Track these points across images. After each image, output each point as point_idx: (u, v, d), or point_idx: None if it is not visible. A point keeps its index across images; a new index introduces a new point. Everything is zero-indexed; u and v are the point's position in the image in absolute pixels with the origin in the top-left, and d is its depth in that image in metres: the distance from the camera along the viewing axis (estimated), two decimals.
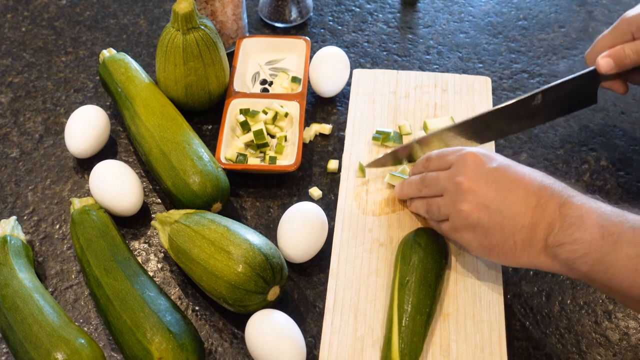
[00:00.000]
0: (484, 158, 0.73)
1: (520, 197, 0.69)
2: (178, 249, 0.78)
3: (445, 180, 0.75)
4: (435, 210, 0.76)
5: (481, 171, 0.72)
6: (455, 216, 0.73)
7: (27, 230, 0.86)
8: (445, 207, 0.74)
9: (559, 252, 0.66)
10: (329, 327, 0.76)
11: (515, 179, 0.70)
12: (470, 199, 0.71)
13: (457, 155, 0.75)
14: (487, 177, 0.71)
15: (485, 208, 0.70)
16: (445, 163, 0.76)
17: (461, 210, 0.72)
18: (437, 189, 0.76)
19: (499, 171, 0.71)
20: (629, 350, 0.76)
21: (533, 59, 1.03)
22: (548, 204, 0.68)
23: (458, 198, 0.72)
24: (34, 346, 0.70)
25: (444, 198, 0.75)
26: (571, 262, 0.66)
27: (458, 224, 0.73)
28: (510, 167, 0.72)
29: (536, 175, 0.71)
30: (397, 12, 1.10)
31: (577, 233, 0.65)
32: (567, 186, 0.70)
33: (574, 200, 0.67)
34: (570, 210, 0.67)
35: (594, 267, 0.65)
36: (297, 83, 0.97)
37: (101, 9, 1.11)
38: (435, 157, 0.79)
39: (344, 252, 0.81)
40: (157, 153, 0.85)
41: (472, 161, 0.73)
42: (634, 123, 0.96)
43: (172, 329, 0.71)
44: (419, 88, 0.96)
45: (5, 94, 1.01)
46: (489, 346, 0.73)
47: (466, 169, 0.73)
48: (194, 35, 0.88)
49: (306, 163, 0.92)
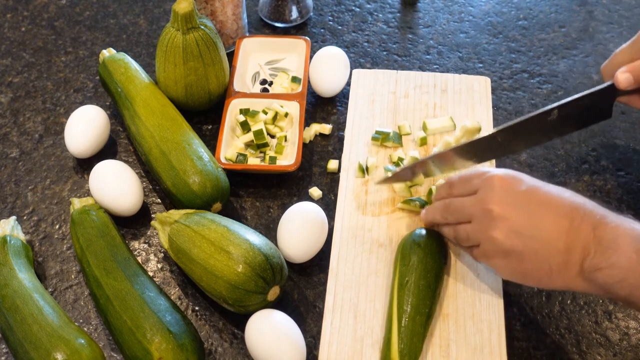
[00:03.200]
0: (512, 181, 0.70)
1: (553, 221, 0.67)
2: (178, 249, 0.78)
3: (473, 207, 0.72)
4: (463, 236, 0.74)
5: (510, 196, 0.69)
6: (487, 243, 0.71)
7: (26, 230, 0.86)
8: (474, 234, 0.72)
9: (596, 277, 0.65)
10: (328, 327, 0.76)
11: (546, 201, 0.68)
12: (502, 226, 0.69)
13: (482, 179, 0.72)
14: (517, 201, 0.69)
15: (518, 234, 0.68)
16: (470, 188, 0.73)
17: (493, 237, 0.69)
18: (463, 216, 0.73)
19: (529, 194, 0.69)
20: (629, 351, 0.76)
21: (533, 59, 1.03)
22: (581, 227, 0.66)
23: (489, 225, 0.70)
24: (33, 346, 0.70)
25: (473, 225, 0.72)
26: (609, 287, 0.65)
27: (490, 250, 0.71)
28: (539, 188, 0.69)
29: (566, 195, 0.69)
30: (397, 12, 1.10)
31: (613, 257, 0.64)
32: (597, 205, 0.68)
33: (607, 221, 0.66)
34: (605, 233, 0.65)
35: (633, 292, 0.64)
36: (297, 83, 0.97)
37: (101, 9, 1.11)
38: (458, 182, 0.76)
39: (343, 252, 0.81)
40: (157, 153, 0.85)
41: (500, 185, 0.70)
42: (634, 123, 0.96)
43: (172, 329, 0.71)
44: (419, 88, 0.96)
45: (5, 94, 1.01)
46: (489, 346, 0.73)
47: (494, 195, 0.70)
48: (194, 35, 0.88)
49: (306, 163, 0.92)
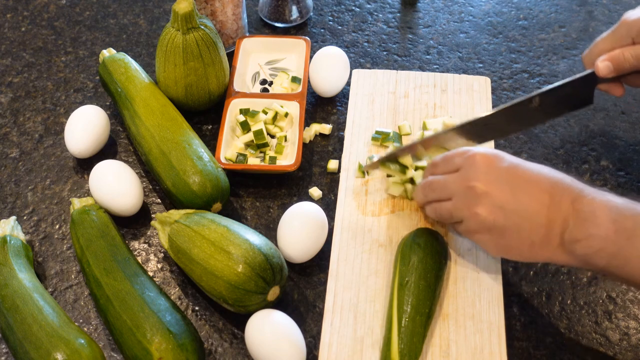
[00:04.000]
0: (494, 158, 0.72)
1: (534, 196, 0.69)
2: (178, 249, 0.78)
3: (455, 184, 0.73)
4: (445, 214, 0.75)
5: (493, 173, 0.71)
6: (470, 219, 0.72)
7: (26, 230, 0.86)
8: (457, 211, 0.73)
9: (575, 248, 0.67)
10: (328, 327, 0.76)
11: (527, 177, 0.70)
12: (485, 202, 0.70)
13: (464, 157, 0.74)
14: (499, 178, 0.70)
15: (501, 209, 0.70)
16: (452, 166, 0.75)
17: (476, 213, 0.71)
18: (445, 194, 0.75)
19: (510, 171, 0.71)
20: (629, 351, 0.76)
21: (533, 59, 1.03)
22: (561, 201, 0.68)
23: (472, 202, 0.71)
24: (33, 346, 0.70)
25: (455, 202, 0.73)
26: (588, 258, 0.67)
27: (473, 226, 0.72)
28: (520, 165, 0.71)
29: (545, 171, 0.71)
30: (397, 12, 1.10)
31: (591, 228, 0.66)
32: (575, 179, 0.70)
33: (585, 194, 0.68)
34: (583, 206, 0.67)
35: (610, 262, 0.66)
36: (297, 83, 0.97)
37: (101, 9, 1.11)
38: (441, 162, 0.77)
39: (343, 252, 0.81)
40: (157, 153, 0.85)
41: (482, 163, 0.72)
42: (634, 123, 0.96)
43: (172, 329, 0.71)
44: (418, 88, 0.96)
45: (5, 94, 1.01)
46: (489, 346, 0.73)
47: (477, 172, 0.71)
48: (194, 35, 0.88)
49: (306, 163, 0.92)
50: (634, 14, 0.80)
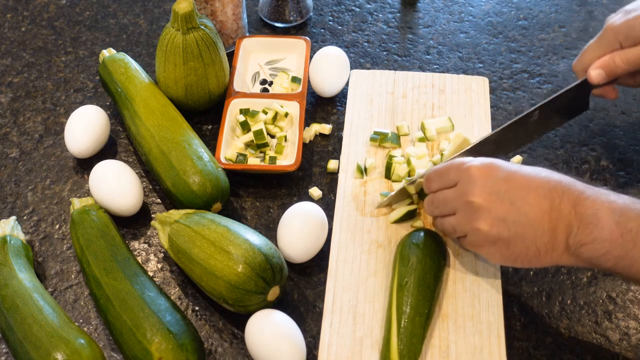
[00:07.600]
0: (490, 169, 0.71)
1: (534, 203, 0.69)
2: (178, 249, 0.78)
3: (455, 200, 0.73)
4: (450, 229, 0.75)
5: (490, 185, 0.70)
6: (473, 234, 0.72)
7: (26, 230, 0.86)
8: (460, 226, 0.73)
9: (581, 252, 0.68)
10: (327, 328, 0.76)
11: (525, 185, 0.70)
12: (485, 216, 0.70)
13: (460, 171, 0.73)
14: (497, 189, 0.70)
15: (503, 222, 0.69)
16: (449, 181, 0.74)
17: (478, 229, 0.70)
18: (447, 209, 0.74)
19: (507, 180, 0.70)
20: (629, 350, 0.76)
21: (533, 59, 1.03)
22: (562, 205, 0.68)
23: (473, 217, 0.71)
24: (33, 346, 0.70)
25: (457, 217, 0.73)
26: (595, 260, 0.68)
27: (477, 240, 0.72)
28: (517, 173, 0.71)
29: (543, 175, 0.70)
30: (397, 12, 1.10)
31: (595, 232, 0.66)
32: (573, 180, 0.70)
33: (586, 197, 0.68)
34: (585, 209, 0.67)
35: (618, 264, 0.67)
36: (297, 83, 0.97)
37: (101, 9, 1.11)
38: (435, 176, 0.76)
39: (342, 253, 0.81)
40: (157, 153, 0.85)
41: (479, 176, 0.71)
42: (634, 123, 0.96)
43: (172, 329, 0.71)
44: (417, 88, 0.96)
45: (5, 94, 1.01)
46: (488, 347, 0.73)
47: (474, 186, 0.71)
48: (194, 35, 0.88)
49: (306, 163, 0.92)
50: (618, 18, 0.80)
